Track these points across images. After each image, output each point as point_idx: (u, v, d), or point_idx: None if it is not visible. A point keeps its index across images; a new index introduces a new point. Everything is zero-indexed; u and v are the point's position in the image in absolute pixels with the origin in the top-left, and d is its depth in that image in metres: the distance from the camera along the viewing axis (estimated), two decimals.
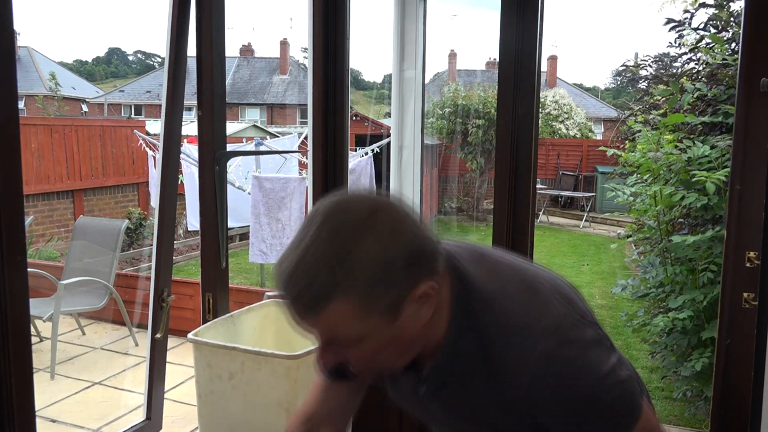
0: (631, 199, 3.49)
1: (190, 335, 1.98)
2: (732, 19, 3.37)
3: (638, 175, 3.42)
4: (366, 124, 11.26)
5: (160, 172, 2.45)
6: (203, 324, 2.20)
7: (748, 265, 1.93)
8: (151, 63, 47.96)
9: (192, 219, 6.24)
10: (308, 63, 2.57)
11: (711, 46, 3.44)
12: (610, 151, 3.77)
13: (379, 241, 0.80)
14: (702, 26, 3.52)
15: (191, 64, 2.43)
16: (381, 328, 0.82)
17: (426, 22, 2.90)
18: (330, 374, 0.97)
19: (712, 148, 2.87)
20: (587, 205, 12.10)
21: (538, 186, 12.00)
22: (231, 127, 12.30)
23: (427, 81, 3.01)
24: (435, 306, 0.85)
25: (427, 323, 0.86)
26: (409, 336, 0.85)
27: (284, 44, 27.57)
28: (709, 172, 2.74)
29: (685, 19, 3.57)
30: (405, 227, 0.83)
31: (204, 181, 2.43)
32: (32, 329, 4.13)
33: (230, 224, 4.81)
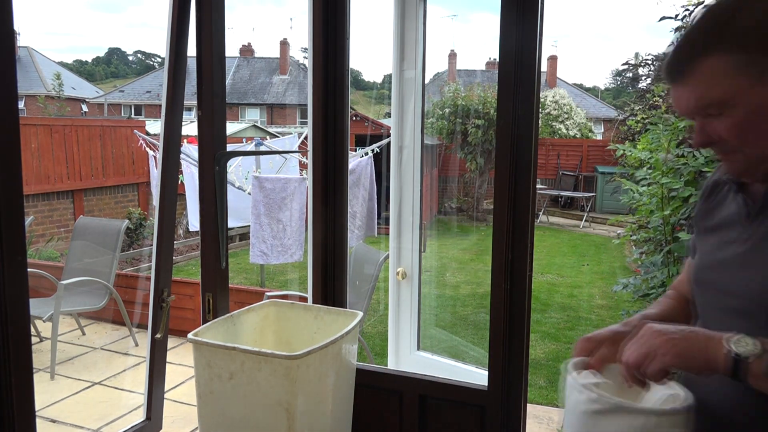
0: (643, 199, 3.47)
1: (190, 335, 1.98)
2: None
3: (648, 174, 3.38)
4: (366, 124, 11.25)
5: (160, 172, 2.45)
6: (203, 324, 2.20)
7: None
8: (151, 63, 47.99)
9: (193, 219, 6.23)
10: (308, 63, 2.57)
11: None
12: (620, 150, 3.72)
13: (764, 8, 0.87)
14: None
15: (191, 64, 2.43)
16: (750, 92, 0.87)
17: (426, 22, 2.90)
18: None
19: None
20: (587, 206, 12.09)
21: (538, 186, 12.01)
22: (231, 127, 12.30)
23: (427, 81, 3.01)
24: None
25: None
26: None
27: (284, 44, 27.58)
28: None
29: (684, 16, 3.56)
30: None
31: (204, 181, 2.43)
32: (32, 329, 4.13)
33: (230, 224, 4.81)
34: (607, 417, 0.95)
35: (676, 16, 3.62)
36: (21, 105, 15.79)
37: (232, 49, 27.70)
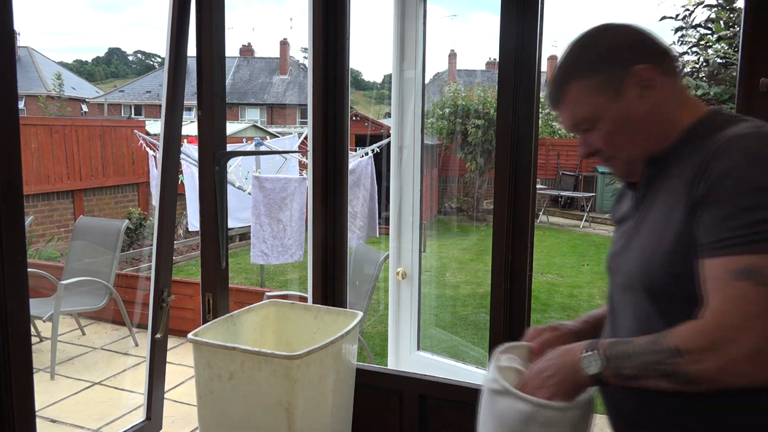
0: None
1: (190, 335, 1.97)
2: (733, 17, 3.37)
3: None
4: (366, 124, 11.26)
5: (160, 172, 2.45)
6: (203, 324, 2.20)
7: None
8: (151, 63, 48.02)
9: (192, 219, 6.23)
10: (308, 63, 2.57)
11: (716, 39, 3.42)
12: None
13: (611, 36, 1.06)
14: (702, 24, 3.51)
15: (191, 64, 2.43)
16: (610, 107, 1.04)
17: (426, 22, 2.90)
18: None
19: None
20: (587, 205, 12.09)
21: (538, 186, 11.99)
22: (231, 127, 12.30)
23: (427, 81, 3.01)
24: (660, 95, 1.03)
25: (655, 113, 1.04)
26: (636, 117, 1.04)
27: (284, 44, 27.57)
28: None
29: (684, 16, 3.56)
30: (641, 32, 1.06)
31: (204, 181, 2.43)
32: (32, 329, 4.13)
33: (230, 224, 4.80)
34: (499, 397, 1.12)
35: (677, 16, 3.62)
36: (21, 105, 15.79)
37: (232, 49, 27.72)
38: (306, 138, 4.92)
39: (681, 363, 0.88)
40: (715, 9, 3.44)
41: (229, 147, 4.00)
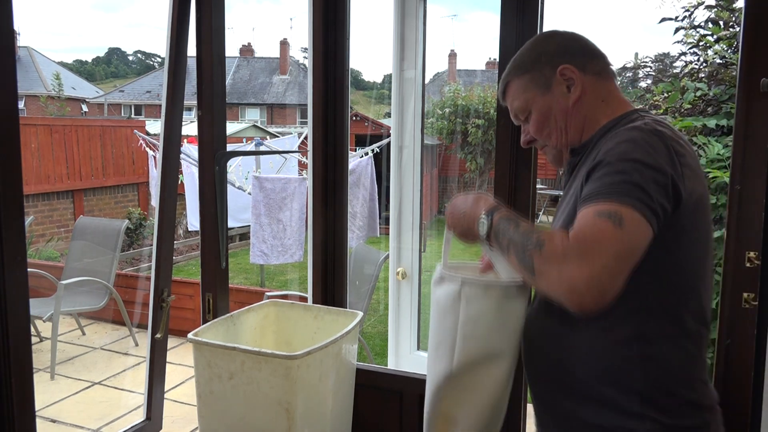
0: None
1: (190, 335, 1.97)
2: (734, 18, 3.36)
3: None
4: (366, 124, 11.26)
5: (160, 172, 2.44)
6: (203, 324, 2.20)
7: (748, 265, 1.93)
8: (151, 63, 48.02)
9: (192, 219, 6.23)
10: (308, 63, 2.57)
11: (715, 40, 3.42)
12: None
13: (548, 41, 1.25)
14: (702, 24, 3.51)
15: (191, 64, 2.43)
16: (539, 100, 1.23)
17: (426, 22, 2.90)
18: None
19: (724, 147, 2.86)
20: None
21: (538, 186, 11.97)
22: (231, 127, 12.30)
23: (427, 81, 3.01)
24: (582, 92, 1.20)
25: (576, 107, 1.20)
26: (559, 109, 1.22)
27: (284, 44, 27.57)
28: (721, 171, 2.73)
29: (684, 17, 3.56)
30: (574, 39, 1.24)
31: (204, 181, 2.43)
32: (32, 329, 4.13)
33: (230, 224, 4.80)
34: (437, 286, 1.28)
35: (677, 17, 3.62)
36: (21, 105, 15.81)
37: (232, 49, 27.71)
38: (306, 138, 4.92)
39: (535, 255, 1.01)
40: (715, 9, 3.44)
41: (229, 147, 4.00)
